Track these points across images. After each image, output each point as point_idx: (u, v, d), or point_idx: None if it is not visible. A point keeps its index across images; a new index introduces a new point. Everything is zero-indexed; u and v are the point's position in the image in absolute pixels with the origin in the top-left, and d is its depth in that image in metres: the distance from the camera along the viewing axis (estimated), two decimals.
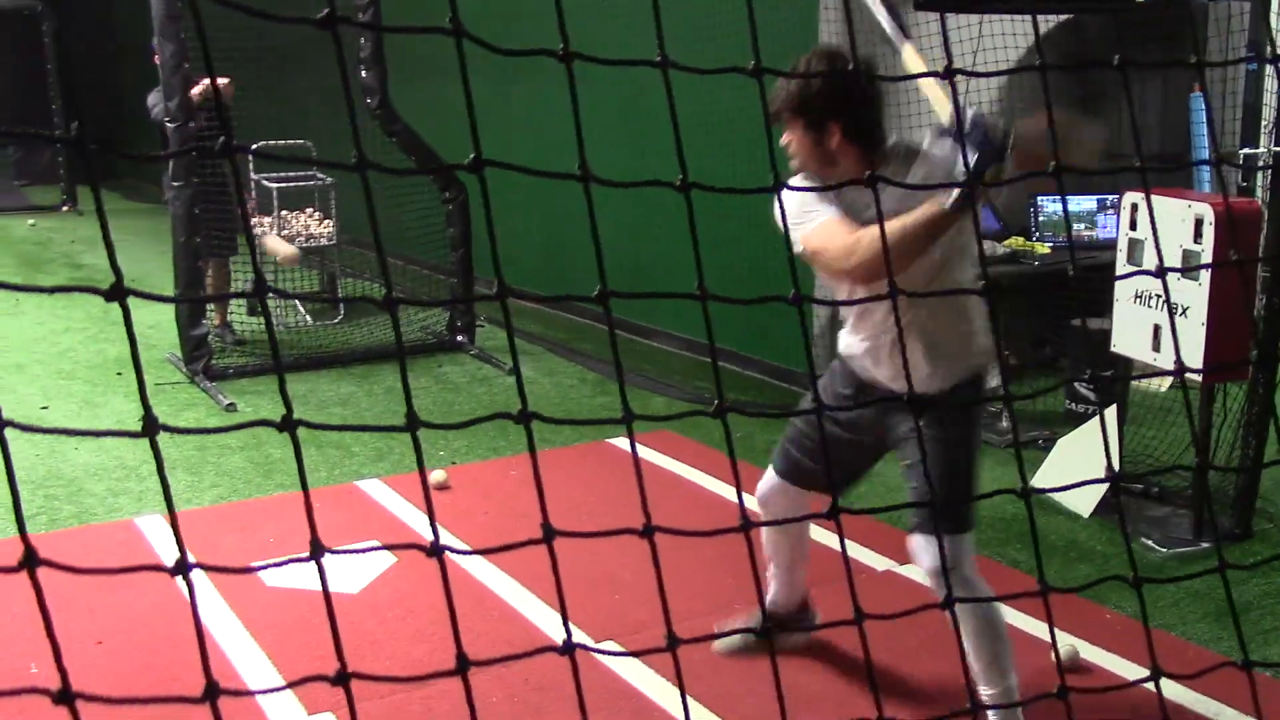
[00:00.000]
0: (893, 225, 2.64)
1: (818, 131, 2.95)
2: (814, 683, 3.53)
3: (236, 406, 6.32)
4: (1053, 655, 3.56)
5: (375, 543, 4.53)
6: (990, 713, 3.05)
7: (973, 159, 2.52)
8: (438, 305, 5.72)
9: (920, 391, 3.01)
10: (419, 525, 4.70)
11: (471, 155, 1.25)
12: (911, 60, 3.33)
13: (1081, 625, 3.80)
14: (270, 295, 1.19)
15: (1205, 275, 4.23)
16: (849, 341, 3.24)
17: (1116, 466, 4.73)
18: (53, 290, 1.13)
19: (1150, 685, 1.47)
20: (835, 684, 3.53)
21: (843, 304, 2.96)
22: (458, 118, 1.35)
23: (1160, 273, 1.58)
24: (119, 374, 7.09)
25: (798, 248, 2.89)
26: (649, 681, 3.54)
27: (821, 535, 3.86)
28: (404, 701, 3.44)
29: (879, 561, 4.34)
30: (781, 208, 1.83)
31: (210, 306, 7.41)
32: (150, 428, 1.04)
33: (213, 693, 1.06)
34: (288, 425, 1.11)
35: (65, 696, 0.99)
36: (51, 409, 6.29)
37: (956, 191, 2.59)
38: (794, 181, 3.02)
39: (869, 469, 3.43)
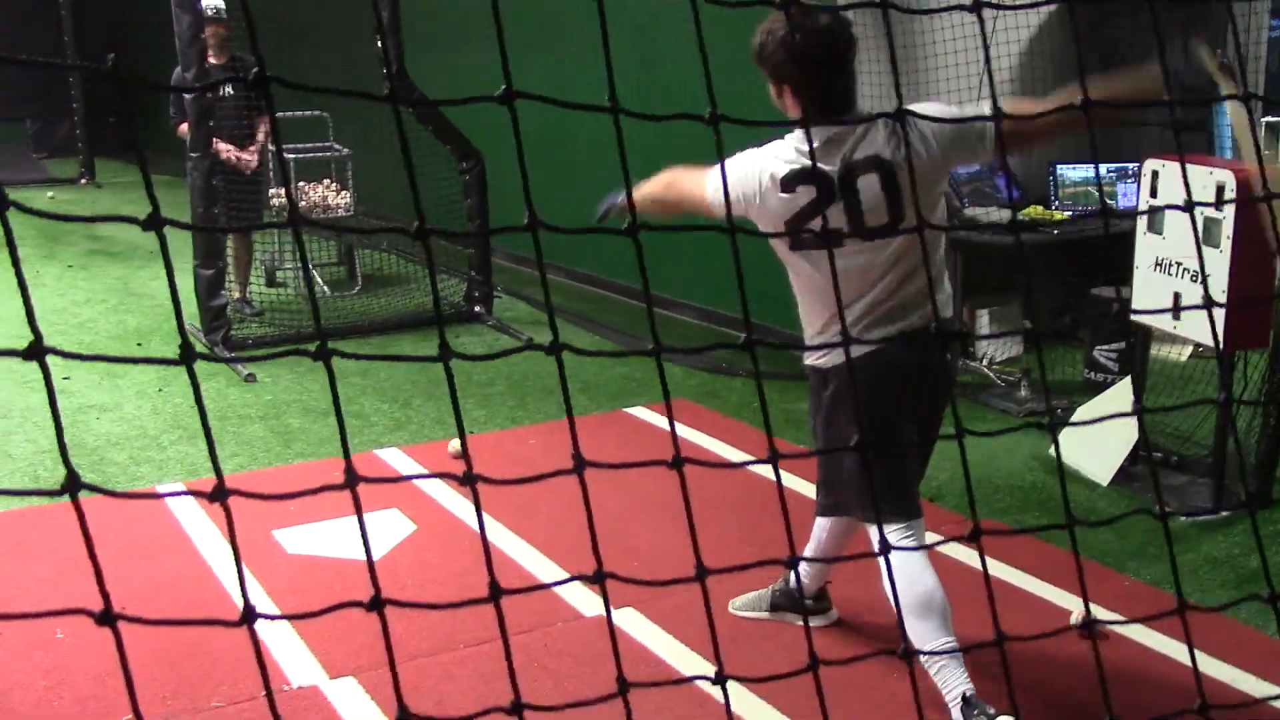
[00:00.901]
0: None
1: (775, 85, 2.99)
2: (827, 647, 3.54)
3: (256, 377, 6.35)
4: (1072, 618, 3.57)
5: (397, 514, 4.56)
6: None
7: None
8: (463, 236, 5.75)
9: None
10: (437, 493, 4.72)
11: (503, 89, 1.25)
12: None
13: (1099, 592, 3.81)
14: (304, 228, 1.19)
15: (1227, 243, 4.20)
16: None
17: (1134, 435, 4.72)
18: (91, 219, 1.14)
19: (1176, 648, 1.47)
20: (853, 647, 3.55)
21: (870, 236, 2.96)
22: (474, 90, 1.34)
23: (1189, 206, 1.58)
24: (139, 344, 7.13)
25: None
26: (669, 647, 3.56)
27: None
28: (427, 665, 3.47)
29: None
30: None
31: (230, 280, 7.45)
32: (188, 355, 1.06)
33: (250, 616, 1.10)
34: (322, 355, 1.12)
35: (107, 618, 1.01)
36: (73, 379, 6.33)
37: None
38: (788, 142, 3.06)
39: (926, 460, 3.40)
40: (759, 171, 2.97)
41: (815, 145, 2.93)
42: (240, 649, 3.55)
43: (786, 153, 2.97)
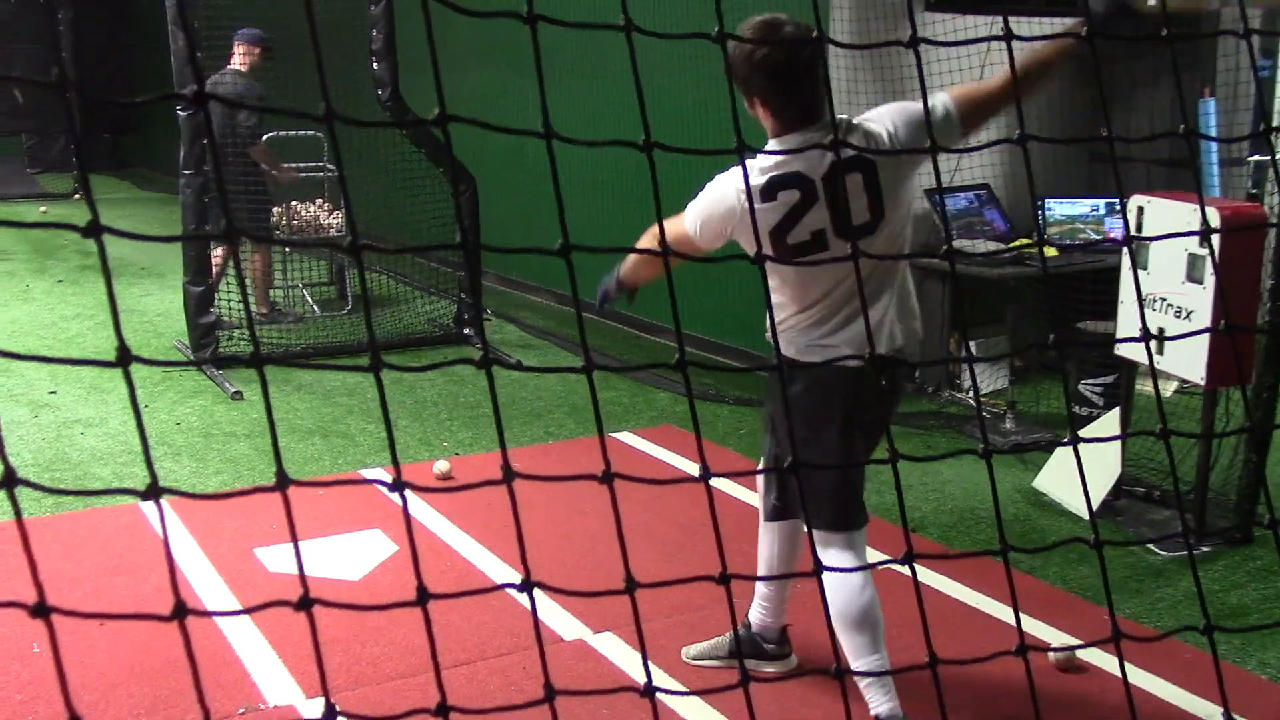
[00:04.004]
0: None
1: (746, 98, 3.01)
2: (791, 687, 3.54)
3: (243, 395, 6.34)
4: (1051, 654, 3.56)
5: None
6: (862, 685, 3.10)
7: None
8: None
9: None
10: (420, 514, 4.71)
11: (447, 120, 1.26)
12: None
13: (1079, 626, 3.81)
14: (243, 239, 1.20)
15: (1209, 280, 4.23)
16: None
17: (1117, 469, 4.73)
18: (31, 226, 1.15)
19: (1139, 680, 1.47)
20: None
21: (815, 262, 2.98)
22: (469, 111, 1.37)
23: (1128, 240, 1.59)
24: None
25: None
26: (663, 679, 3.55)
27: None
28: (402, 687, 3.46)
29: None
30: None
31: (251, 294, 7.51)
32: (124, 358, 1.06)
33: (180, 612, 1.10)
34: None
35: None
36: (60, 393, 6.32)
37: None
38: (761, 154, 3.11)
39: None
40: (735, 189, 2.99)
41: (792, 150, 2.96)
42: (217, 667, 3.54)
43: (762, 162, 2.98)
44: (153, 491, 1.07)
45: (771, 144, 3.05)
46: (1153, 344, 4.47)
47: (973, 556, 2.69)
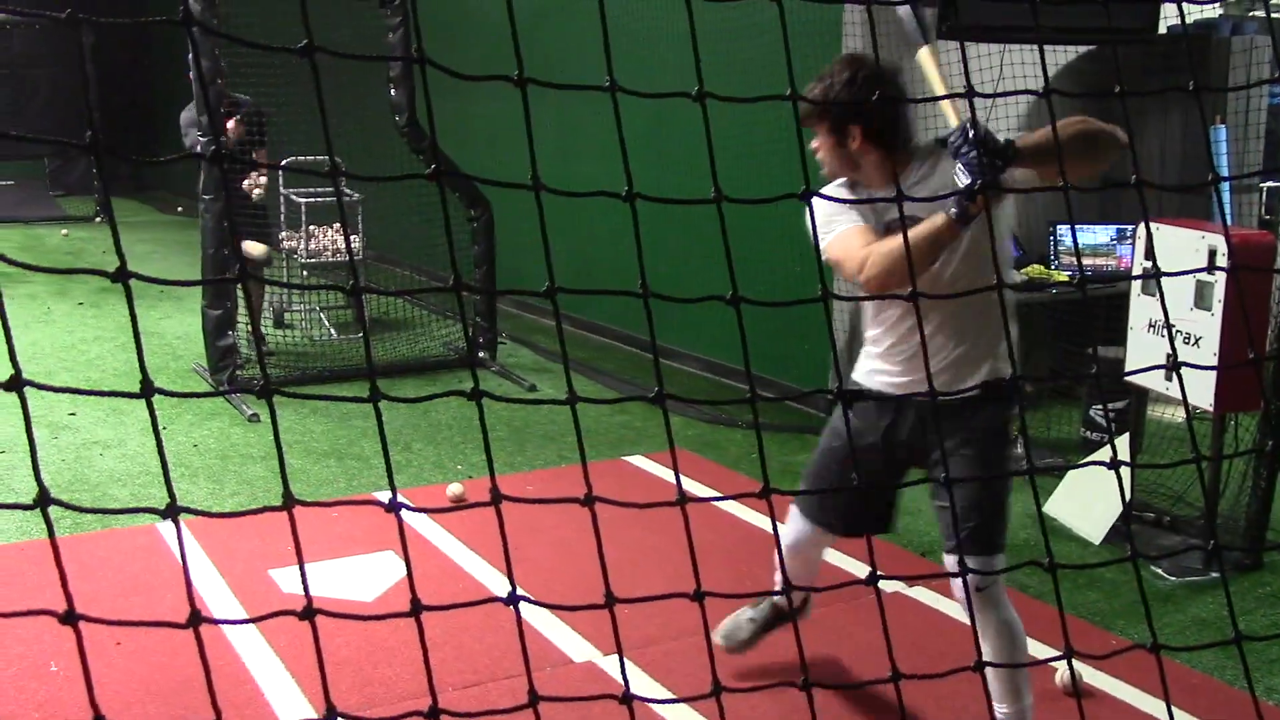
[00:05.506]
0: (898, 239, 2.76)
1: (839, 134, 3.00)
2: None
3: (259, 417, 6.40)
4: (1056, 677, 3.58)
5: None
6: None
7: (966, 176, 2.63)
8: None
9: (945, 397, 2.98)
10: (432, 536, 4.76)
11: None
12: (925, 62, 3.28)
13: (1086, 650, 3.82)
14: (252, 280, 1.25)
15: (1218, 306, 4.26)
16: (874, 363, 3.23)
17: (1129, 494, 4.75)
18: (56, 270, 1.20)
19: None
20: (846, 707, 3.57)
21: (862, 299, 2.99)
22: (484, 136, 1.42)
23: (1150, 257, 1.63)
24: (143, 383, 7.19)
25: (824, 256, 2.99)
26: (655, 694, 3.58)
27: (833, 557, 3.90)
28: (415, 707, 3.48)
29: (886, 584, 4.36)
30: (811, 216, 1.91)
31: (243, 318, 7.55)
32: (147, 389, 1.11)
33: (195, 619, 1.14)
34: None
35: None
36: (79, 415, 6.40)
37: (956, 203, 2.70)
38: (826, 191, 3.12)
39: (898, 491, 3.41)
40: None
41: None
42: (231, 686, 3.58)
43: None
44: (171, 511, 1.12)
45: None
46: (1160, 372, 4.50)
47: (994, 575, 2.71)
